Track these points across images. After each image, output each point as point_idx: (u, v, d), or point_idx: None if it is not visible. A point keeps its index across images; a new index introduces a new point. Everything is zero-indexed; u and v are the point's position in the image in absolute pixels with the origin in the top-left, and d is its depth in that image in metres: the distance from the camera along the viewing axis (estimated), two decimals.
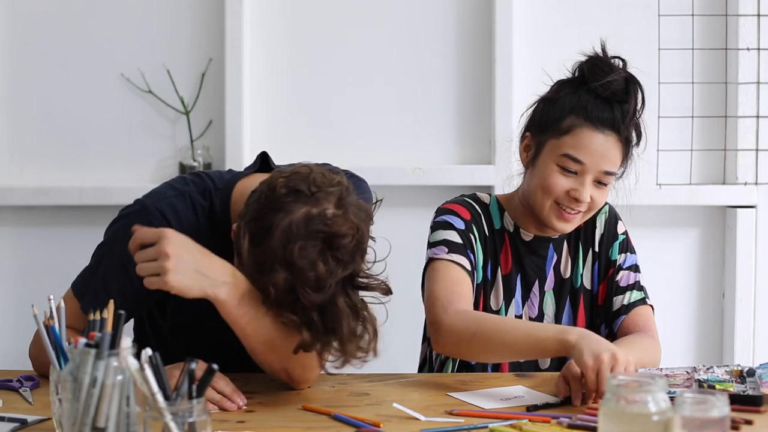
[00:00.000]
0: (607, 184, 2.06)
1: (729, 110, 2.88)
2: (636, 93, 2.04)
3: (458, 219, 2.11)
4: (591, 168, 2.03)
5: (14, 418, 1.72)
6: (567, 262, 2.17)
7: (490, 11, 2.85)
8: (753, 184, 2.87)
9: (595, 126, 2.02)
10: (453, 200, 2.17)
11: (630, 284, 2.14)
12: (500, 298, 2.13)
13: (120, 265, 1.85)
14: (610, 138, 2.03)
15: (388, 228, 2.28)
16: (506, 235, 2.15)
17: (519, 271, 2.15)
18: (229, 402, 1.81)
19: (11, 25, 2.90)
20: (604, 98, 2.03)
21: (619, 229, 2.19)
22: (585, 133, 2.03)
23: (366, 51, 2.90)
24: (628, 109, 2.03)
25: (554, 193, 2.04)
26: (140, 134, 2.89)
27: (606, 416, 1.39)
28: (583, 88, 2.05)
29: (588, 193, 2.04)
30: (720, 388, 1.79)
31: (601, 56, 2.07)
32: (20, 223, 2.92)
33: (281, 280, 1.67)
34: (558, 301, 2.16)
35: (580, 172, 2.03)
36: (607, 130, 2.02)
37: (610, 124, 2.02)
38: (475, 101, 2.91)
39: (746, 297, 2.88)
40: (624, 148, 2.05)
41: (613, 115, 2.03)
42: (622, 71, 2.06)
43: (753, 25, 2.84)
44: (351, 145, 2.92)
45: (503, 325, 1.94)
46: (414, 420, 1.72)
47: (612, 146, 2.03)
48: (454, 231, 2.09)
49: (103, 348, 1.45)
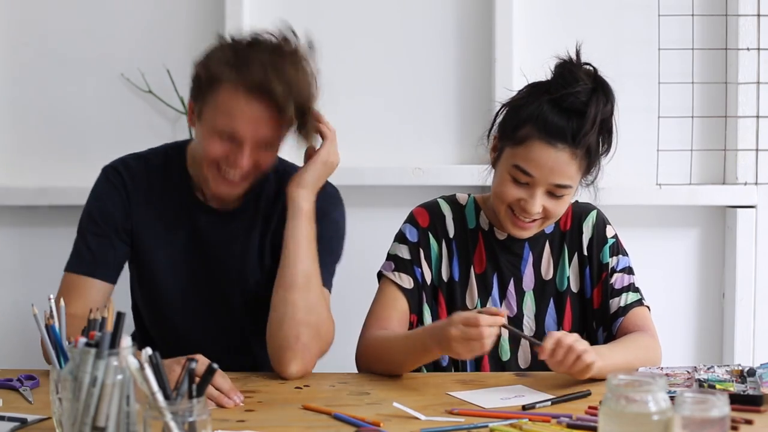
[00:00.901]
0: (563, 196, 2.06)
1: (729, 110, 2.88)
2: (598, 104, 2.01)
3: (414, 229, 2.19)
4: (541, 181, 2.03)
5: (14, 417, 1.72)
6: (549, 263, 2.18)
7: (490, 11, 2.85)
8: (753, 184, 2.87)
9: (547, 140, 2.01)
10: (424, 203, 2.24)
11: (625, 286, 2.16)
12: (475, 296, 2.16)
13: (94, 222, 2.16)
14: (563, 152, 2.01)
15: (389, 228, 2.29)
16: (480, 234, 2.18)
17: (494, 269, 2.17)
18: (226, 399, 1.82)
19: (11, 25, 2.90)
20: (563, 108, 2.01)
21: (608, 233, 2.20)
22: (537, 146, 2.02)
23: (366, 51, 2.90)
24: (586, 121, 2.00)
25: (506, 201, 2.08)
26: (140, 134, 2.88)
27: (606, 416, 1.39)
28: (546, 97, 2.04)
29: (537, 204, 2.04)
30: (720, 388, 1.79)
31: (571, 63, 2.05)
32: (20, 223, 2.92)
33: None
34: (539, 302, 2.17)
35: (530, 183, 2.04)
36: (561, 144, 2.01)
37: (563, 137, 2.01)
38: (475, 101, 2.91)
39: (746, 297, 2.88)
40: (583, 160, 2.03)
41: (570, 127, 2.00)
42: (589, 81, 2.02)
43: (753, 25, 2.83)
44: (351, 145, 2.91)
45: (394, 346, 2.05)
46: (414, 419, 1.72)
47: (565, 161, 2.01)
48: (404, 245, 2.19)
49: (103, 347, 1.45)
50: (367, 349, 2.11)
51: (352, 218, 2.54)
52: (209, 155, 2.05)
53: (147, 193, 2.19)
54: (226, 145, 2.03)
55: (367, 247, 2.43)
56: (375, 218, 2.83)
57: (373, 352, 2.09)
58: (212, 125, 2.02)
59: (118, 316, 1.51)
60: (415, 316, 2.16)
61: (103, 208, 2.17)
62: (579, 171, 2.05)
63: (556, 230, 2.19)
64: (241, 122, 1.99)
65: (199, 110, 2.06)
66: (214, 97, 2.01)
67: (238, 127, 2.00)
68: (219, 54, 2.03)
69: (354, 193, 2.84)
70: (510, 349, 2.15)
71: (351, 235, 2.49)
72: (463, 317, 1.87)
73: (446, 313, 2.16)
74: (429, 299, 2.17)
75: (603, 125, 2.04)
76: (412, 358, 2.01)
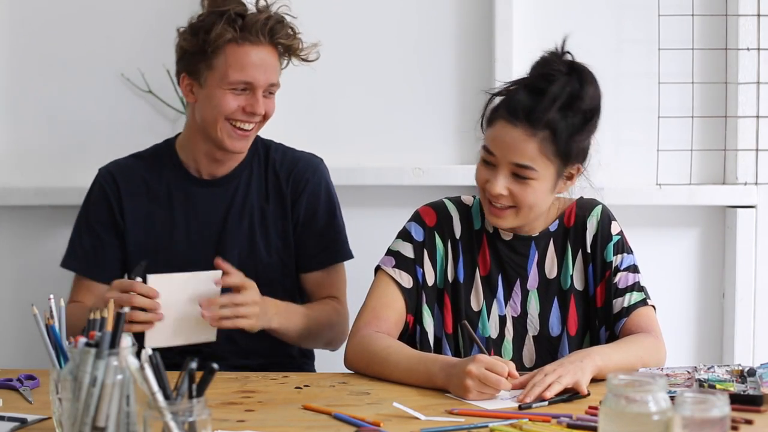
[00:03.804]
0: (527, 179, 2.02)
1: (729, 110, 2.88)
2: (565, 85, 1.99)
3: (420, 228, 2.17)
4: (501, 160, 2.03)
5: (14, 417, 1.72)
6: (553, 261, 2.16)
7: (490, 11, 2.85)
8: (753, 184, 2.87)
9: (508, 118, 2.01)
10: (430, 203, 2.22)
11: (629, 286, 2.12)
12: (481, 298, 2.15)
13: (87, 224, 2.39)
14: (520, 129, 1.99)
15: (389, 228, 2.29)
16: (485, 236, 2.17)
17: (500, 271, 2.16)
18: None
19: (11, 25, 2.90)
20: (530, 90, 2.01)
21: (614, 230, 2.16)
22: (499, 125, 2.03)
23: (366, 51, 2.90)
24: (544, 98, 1.98)
25: (478, 184, 2.09)
26: (140, 134, 2.88)
27: (606, 416, 1.39)
28: (522, 83, 2.05)
29: (499, 185, 2.03)
30: (720, 388, 1.79)
31: (553, 53, 2.04)
32: (20, 223, 2.92)
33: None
34: (543, 301, 2.16)
35: (494, 163, 2.04)
36: (518, 121, 2.00)
37: (521, 114, 1.99)
38: (475, 102, 2.89)
39: (746, 297, 2.88)
40: (547, 142, 1.99)
41: (529, 105, 1.99)
42: (564, 67, 2.01)
43: (753, 25, 2.83)
44: (351, 145, 2.92)
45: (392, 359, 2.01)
46: (414, 419, 1.72)
47: (522, 138, 1.99)
48: (409, 244, 2.17)
49: (103, 347, 1.45)
50: (361, 351, 2.08)
51: (353, 218, 2.55)
52: (226, 110, 2.27)
53: (137, 180, 2.40)
54: (241, 98, 2.27)
55: (367, 247, 2.43)
56: (375, 218, 2.83)
57: (366, 357, 2.06)
58: (225, 83, 2.26)
59: (118, 316, 1.51)
60: (411, 316, 2.16)
61: (93, 207, 2.40)
62: (542, 154, 2.00)
63: (560, 227, 2.17)
64: (253, 70, 2.26)
65: (201, 78, 2.29)
66: (222, 58, 2.26)
67: (252, 75, 2.26)
68: (207, 22, 2.26)
69: (354, 193, 2.85)
70: (513, 349, 2.14)
71: (351, 234, 2.50)
72: (491, 362, 1.86)
73: (452, 315, 2.15)
74: (430, 301, 2.16)
75: (570, 106, 1.99)
76: (408, 378, 1.98)
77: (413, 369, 1.97)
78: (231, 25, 2.24)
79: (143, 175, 2.40)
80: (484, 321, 2.14)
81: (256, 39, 2.26)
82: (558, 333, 2.14)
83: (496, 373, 1.84)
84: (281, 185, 2.40)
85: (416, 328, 2.16)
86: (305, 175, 2.41)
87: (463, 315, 2.13)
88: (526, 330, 2.15)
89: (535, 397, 1.82)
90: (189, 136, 2.39)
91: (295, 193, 2.40)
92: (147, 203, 2.38)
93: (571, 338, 2.14)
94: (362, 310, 2.15)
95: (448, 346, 2.14)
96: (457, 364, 1.90)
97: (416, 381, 1.96)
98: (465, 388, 1.85)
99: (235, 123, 2.29)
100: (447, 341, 2.14)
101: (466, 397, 1.85)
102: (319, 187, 2.41)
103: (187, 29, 2.30)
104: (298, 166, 2.41)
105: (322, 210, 2.41)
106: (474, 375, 1.84)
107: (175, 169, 2.40)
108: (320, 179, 2.42)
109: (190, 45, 2.28)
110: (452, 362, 1.93)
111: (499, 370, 1.84)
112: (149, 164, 2.42)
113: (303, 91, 2.90)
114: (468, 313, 2.13)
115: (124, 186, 2.39)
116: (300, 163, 2.42)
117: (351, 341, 2.12)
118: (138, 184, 2.40)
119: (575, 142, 2.02)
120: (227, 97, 2.26)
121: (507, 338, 2.14)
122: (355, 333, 2.12)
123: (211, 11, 2.27)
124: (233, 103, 2.27)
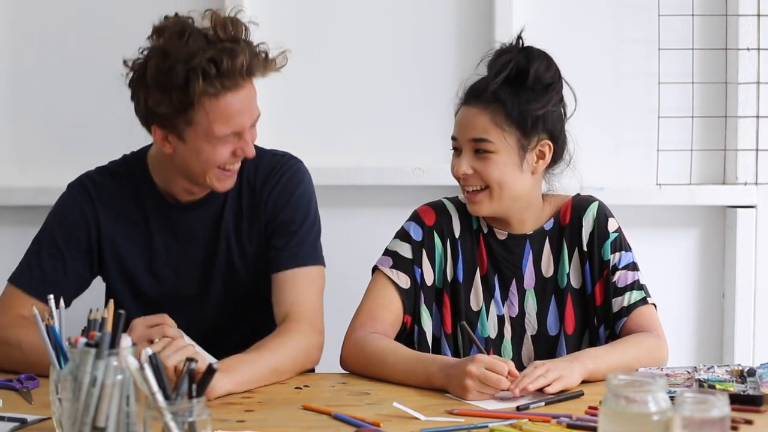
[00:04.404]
0: (487, 152, 2.07)
1: (729, 110, 2.88)
2: (509, 61, 2.07)
3: (419, 228, 2.18)
4: (462, 142, 2.10)
5: (14, 417, 1.72)
6: (549, 260, 2.16)
7: (490, 11, 2.84)
8: (753, 184, 2.86)
9: (465, 102, 2.11)
10: (429, 203, 2.23)
11: (628, 284, 2.12)
12: (480, 298, 2.15)
13: (52, 243, 2.20)
14: (474, 107, 2.09)
15: (388, 228, 2.29)
16: (481, 236, 2.17)
17: (496, 270, 2.16)
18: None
19: (11, 25, 2.90)
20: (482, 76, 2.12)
21: (611, 227, 2.15)
22: (460, 111, 2.13)
23: (366, 51, 2.90)
24: (491, 74, 2.08)
25: (453, 176, 2.13)
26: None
27: (606, 416, 1.39)
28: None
29: (464, 165, 2.09)
30: (720, 388, 1.79)
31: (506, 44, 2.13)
32: (20, 223, 2.92)
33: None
34: (541, 300, 2.16)
35: (458, 148, 2.12)
36: (473, 101, 2.09)
37: (475, 95, 2.09)
38: None
39: (746, 297, 2.88)
40: (500, 115, 2.06)
41: (480, 86, 2.10)
42: (514, 51, 2.10)
43: (753, 25, 2.83)
44: (351, 145, 2.92)
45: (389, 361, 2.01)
46: (414, 420, 1.72)
47: (476, 114, 2.08)
48: (407, 244, 2.17)
49: (103, 347, 1.45)
50: (357, 352, 2.08)
51: (353, 218, 2.55)
52: (218, 162, 2.11)
53: (115, 202, 2.23)
54: (229, 144, 2.10)
55: (366, 248, 2.43)
56: (375, 218, 2.83)
57: (363, 359, 2.06)
58: (211, 137, 2.07)
59: (118, 316, 1.51)
60: (409, 317, 2.15)
61: (66, 227, 2.22)
62: (495, 124, 2.06)
63: (555, 225, 2.17)
64: (239, 118, 2.08)
65: (180, 132, 2.09)
66: (202, 113, 2.05)
67: (239, 123, 2.08)
68: (178, 79, 2.02)
69: (354, 193, 2.85)
70: (512, 349, 2.15)
71: (351, 234, 2.49)
72: (491, 361, 1.86)
73: (451, 315, 2.15)
74: (428, 301, 2.16)
75: (517, 79, 2.06)
76: (406, 380, 1.98)
77: (411, 370, 1.97)
78: (206, 80, 2.01)
79: (119, 192, 2.24)
80: (483, 321, 2.14)
81: (234, 84, 2.05)
82: (556, 332, 2.14)
83: (496, 373, 1.84)
84: (255, 195, 2.25)
85: (414, 328, 2.16)
86: (277, 177, 2.25)
87: (463, 315, 2.13)
88: (525, 329, 2.15)
89: (522, 389, 1.83)
90: (164, 165, 2.21)
91: (267, 196, 2.24)
92: (125, 223, 2.23)
93: (568, 337, 2.13)
94: (358, 311, 2.15)
95: (448, 346, 2.14)
96: (457, 365, 1.90)
97: (414, 382, 1.96)
98: (465, 388, 1.85)
99: (225, 166, 2.13)
100: (446, 341, 2.14)
101: (465, 397, 1.85)
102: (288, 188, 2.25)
103: (152, 85, 2.05)
104: (272, 171, 2.26)
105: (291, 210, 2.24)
106: (474, 375, 1.84)
107: (150, 192, 2.24)
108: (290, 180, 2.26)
109: (162, 105, 2.06)
110: (451, 362, 1.93)
111: (499, 369, 1.84)
112: (124, 183, 2.25)
113: (303, 92, 2.90)
114: (468, 313, 2.13)
115: (102, 206, 2.23)
116: (275, 168, 2.26)
117: (347, 342, 2.11)
118: (116, 205, 2.24)
119: (529, 111, 2.07)
120: (218, 150, 2.09)
121: (506, 338, 2.14)
122: (351, 334, 2.12)
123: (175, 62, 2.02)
124: (225, 153, 2.10)
